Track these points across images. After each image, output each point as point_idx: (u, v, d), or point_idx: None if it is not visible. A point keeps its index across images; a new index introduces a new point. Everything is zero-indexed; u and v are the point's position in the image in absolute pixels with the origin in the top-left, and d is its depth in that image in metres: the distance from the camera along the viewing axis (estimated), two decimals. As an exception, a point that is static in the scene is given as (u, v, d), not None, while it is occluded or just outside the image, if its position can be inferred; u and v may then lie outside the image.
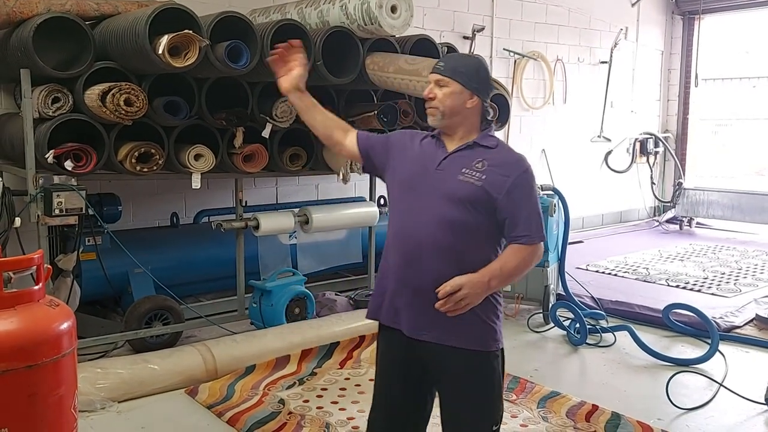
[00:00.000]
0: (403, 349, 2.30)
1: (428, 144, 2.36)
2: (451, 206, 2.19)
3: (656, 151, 9.71)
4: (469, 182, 2.20)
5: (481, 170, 2.21)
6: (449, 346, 2.22)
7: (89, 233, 4.28)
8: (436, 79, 2.30)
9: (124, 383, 3.69)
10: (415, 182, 2.27)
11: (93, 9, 4.05)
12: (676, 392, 3.82)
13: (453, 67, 2.30)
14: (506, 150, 2.33)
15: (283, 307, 4.64)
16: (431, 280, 2.16)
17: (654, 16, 9.61)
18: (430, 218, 2.20)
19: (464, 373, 2.25)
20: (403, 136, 2.44)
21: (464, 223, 2.19)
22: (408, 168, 2.32)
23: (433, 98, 2.29)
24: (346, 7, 4.36)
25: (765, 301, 5.51)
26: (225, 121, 4.25)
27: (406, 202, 2.28)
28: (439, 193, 2.22)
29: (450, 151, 2.29)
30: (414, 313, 2.24)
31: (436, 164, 2.27)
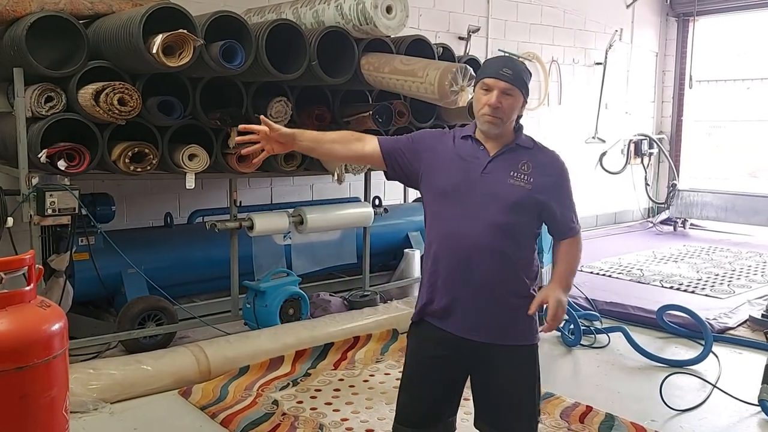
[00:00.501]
0: (449, 349, 2.33)
1: (465, 146, 2.33)
2: (504, 210, 2.24)
3: (650, 152, 9.75)
4: (519, 185, 2.25)
5: (527, 173, 2.27)
6: (500, 344, 2.30)
7: (82, 233, 4.26)
8: (504, 87, 2.24)
9: (116, 384, 3.67)
10: (461, 188, 2.27)
11: (87, 8, 4.03)
12: (669, 393, 3.83)
13: (517, 75, 2.26)
14: (543, 149, 2.38)
15: (277, 307, 4.62)
16: (485, 282, 2.25)
17: (648, 18, 9.63)
18: (482, 223, 2.23)
19: (513, 368, 2.33)
20: (432, 140, 2.40)
21: (515, 225, 2.26)
22: (449, 173, 2.30)
23: (500, 107, 2.24)
24: (341, 7, 4.36)
25: (758, 302, 5.52)
26: (219, 121, 4.24)
27: (453, 207, 2.28)
28: (490, 198, 2.24)
29: (493, 154, 2.29)
30: (468, 315, 2.29)
31: (481, 168, 2.27)
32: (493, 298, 2.28)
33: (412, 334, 2.47)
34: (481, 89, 2.29)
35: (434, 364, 2.38)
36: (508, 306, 2.31)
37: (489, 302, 2.28)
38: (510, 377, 2.34)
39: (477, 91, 2.31)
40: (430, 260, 2.37)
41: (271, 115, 4.38)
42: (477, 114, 2.30)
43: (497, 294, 2.28)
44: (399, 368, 4.17)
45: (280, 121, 4.43)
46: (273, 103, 4.37)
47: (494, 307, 2.29)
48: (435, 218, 2.35)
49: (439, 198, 2.32)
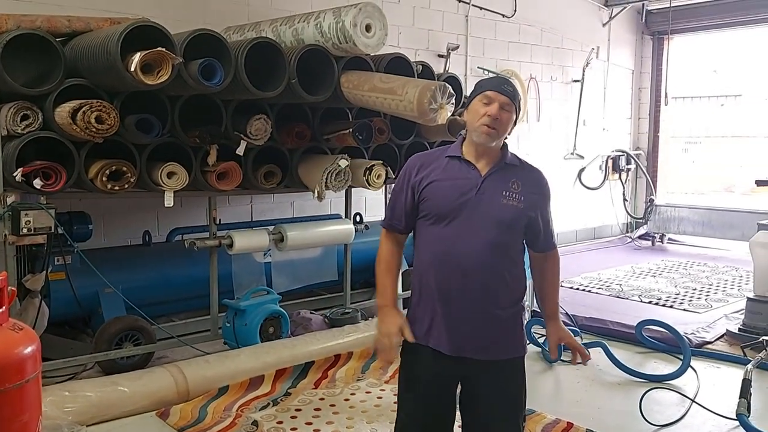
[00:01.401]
0: (443, 367, 2.36)
1: (455, 166, 2.36)
2: (499, 230, 2.30)
3: (628, 168, 9.87)
4: (512, 204, 2.31)
5: (518, 191, 2.33)
6: (493, 360, 2.35)
7: (58, 252, 4.19)
8: (504, 101, 2.30)
9: (92, 406, 3.60)
10: (456, 208, 2.30)
11: (64, 25, 4.01)
12: (649, 408, 3.84)
13: (515, 94, 2.35)
14: (528, 166, 2.45)
15: (258, 326, 4.59)
16: (479, 299, 2.29)
17: (624, 36, 9.80)
18: (477, 242, 2.27)
19: (504, 381, 2.38)
20: (419, 166, 2.41)
21: (509, 243, 2.33)
22: (444, 195, 2.33)
23: (499, 119, 2.29)
24: (320, 26, 4.38)
25: (735, 316, 5.58)
26: (198, 139, 4.22)
27: (448, 228, 2.31)
28: (485, 218, 2.29)
29: (484, 173, 2.34)
30: (461, 333, 2.31)
31: (475, 188, 2.31)
32: (487, 315, 2.32)
33: (405, 354, 2.47)
34: (481, 101, 2.32)
35: (429, 383, 2.39)
36: (500, 321, 2.36)
37: (483, 319, 2.32)
38: (503, 390, 2.38)
39: (476, 104, 2.33)
40: (421, 280, 2.39)
41: (251, 133, 4.37)
42: (474, 125, 2.32)
43: (491, 311, 2.32)
44: (380, 386, 4.17)
45: (259, 139, 4.42)
46: (253, 120, 4.36)
47: (488, 324, 2.33)
48: (429, 238, 2.36)
49: (435, 219, 2.34)
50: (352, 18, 4.23)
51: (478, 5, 7.57)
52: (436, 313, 2.34)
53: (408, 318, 2.44)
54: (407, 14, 6.97)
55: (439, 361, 2.35)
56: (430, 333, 2.36)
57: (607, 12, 9.35)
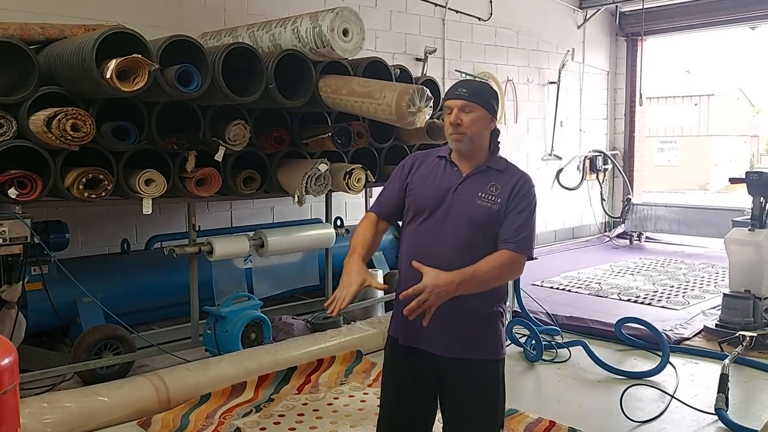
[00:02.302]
0: (419, 365, 2.38)
1: (440, 166, 2.42)
2: (470, 229, 2.30)
3: (605, 168, 9.99)
4: (485, 205, 2.32)
5: (495, 194, 2.33)
6: (467, 359, 2.34)
7: (35, 262, 4.14)
8: (460, 105, 2.33)
9: (72, 417, 3.56)
10: (433, 206, 2.35)
11: (38, 33, 3.96)
12: (630, 405, 3.89)
13: (475, 92, 2.35)
14: (514, 171, 2.42)
15: (239, 332, 4.56)
16: (456, 299, 2.22)
17: (599, 38, 9.92)
18: (449, 240, 2.30)
19: (479, 383, 2.36)
20: (414, 162, 2.48)
21: (478, 244, 2.30)
22: (425, 192, 2.38)
23: (461, 124, 2.32)
24: (297, 31, 4.38)
25: (712, 312, 5.67)
26: (176, 145, 4.19)
27: (424, 225, 2.36)
28: (457, 217, 2.32)
29: (465, 174, 2.37)
30: (435, 331, 2.30)
31: (453, 188, 2.35)
32: (460, 313, 2.30)
33: (386, 349, 2.54)
34: (446, 114, 2.39)
35: (407, 379, 2.42)
36: (474, 321, 2.35)
37: (456, 317, 2.31)
38: (478, 392, 2.37)
39: (444, 119, 2.41)
40: (400, 275, 2.44)
41: (229, 139, 4.35)
42: (447, 137, 2.40)
43: (464, 309, 2.30)
44: (363, 390, 4.17)
45: (238, 144, 4.41)
46: (231, 126, 4.35)
47: (461, 323, 2.33)
48: (407, 234, 2.43)
49: (413, 214, 2.40)
50: (329, 22, 4.23)
51: (454, 9, 7.62)
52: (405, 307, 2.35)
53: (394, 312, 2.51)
54: (384, 18, 7.00)
55: (413, 358, 2.38)
56: (404, 328, 2.38)
57: (581, 14, 9.46)
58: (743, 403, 4.04)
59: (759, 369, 4.54)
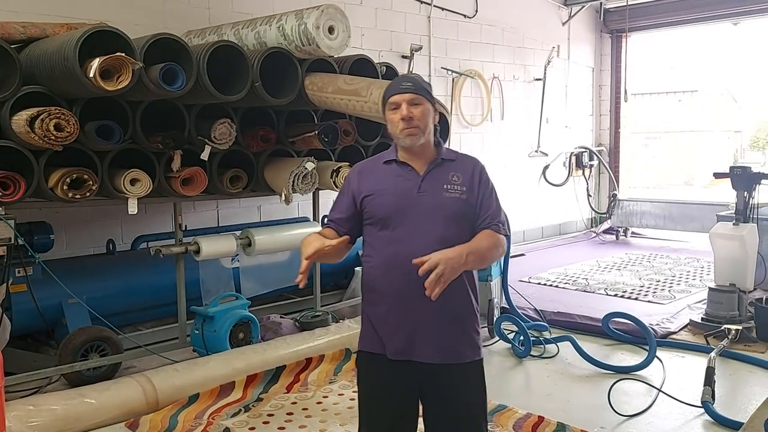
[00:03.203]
0: (400, 376, 2.30)
1: (393, 171, 2.34)
2: (446, 224, 2.26)
3: (591, 164, 10.05)
4: (455, 197, 2.29)
5: (459, 183, 2.31)
6: (454, 363, 2.29)
7: (19, 264, 4.09)
8: (409, 98, 2.28)
9: (58, 420, 3.52)
10: (400, 212, 2.27)
11: (19, 32, 3.91)
12: (617, 400, 3.92)
13: (418, 85, 2.31)
14: (464, 157, 2.43)
15: (227, 332, 4.54)
16: (435, 300, 2.14)
17: (584, 35, 9.97)
18: (426, 240, 2.22)
19: (464, 387, 2.32)
20: (359, 175, 2.41)
21: (456, 238, 2.24)
22: (387, 200, 2.29)
23: (413, 117, 2.27)
24: (283, 28, 4.36)
25: (698, 306, 5.72)
26: (161, 144, 4.16)
27: (394, 231, 2.27)
28: (430, 215, 2.26)
29: (422, 172, 2.32)
30: (417, 337, 2.26)
31: (416, 189, 2.29)
32: (443, 316, 2.26)
33: (361, 364, 2.43)
34: (390, 111, 2.33)
35: (387, 393, 2.34)
36: (456, 323, 2.30)
37: (438, 321, 2.26)
38: (461, 397, 2.32)
39: (389, 116, 2.33)
40: (372, 287, 2.34)
41: (215, 138, 4.33)
42: (396, 135, 2.32)
43: (446, 311, 2.26)
44: (353, 388, 4.16)
45: (224, 143, 4.38)
46: (217, 125, 4.32)
47: (444, 326, 2.28)
48: (378, 243, 2.32)
49: (381, 224, 2.30)
50: (314, 20, 4.22)
51: (439, 6, 7.62)
52: (389, 319, 2.29)
53: (360, 334, 2.40)
54: (370, 16, 6.98)
55: (400, 370, 2.30)
56: (383, 340, 2.31)
57: (566, 11, 9.50)
58: (729, 395, 4.08)
59: (744, 362, 4.58)
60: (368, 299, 2.38)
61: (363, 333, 2.41)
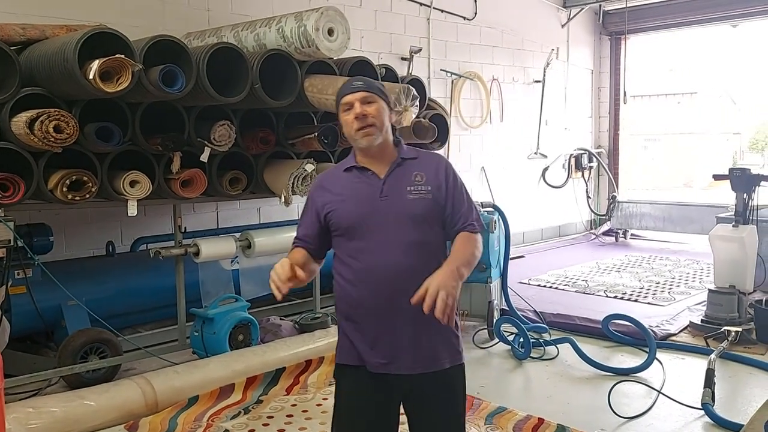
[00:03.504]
0: (381, 389, 2.22)
1: (353, 178, 2.25)
2: (414, 226, 2.18)
3: (590, 166, 10.05)
4: (420, 197, 2.19)
5: (423, 182, 2.21)
6: (437, 371, 2.21)
7: (19, 266, 4.09)
8: (361, 97, 2.20)
9: (58, 422, 3.51)
10: (365, 220, 2.18)
11: (18, 34, 3.91)
12: (617, 402, 3.91)
13: (369, 83, 2.25)
14: (426, 154, 2.34)
15: (226, 334, 4.54)
16: (410, 308, 2.09)
17: (583, 37, 9.98)
18: (397, 245, 2.15)
19: (443, 392, 2.25)
20: (320, 188, 2.31)
21: (427, 240, 2.19)
22: (350, 208, 2.20)
23: (367, 115, 2.19)
24: (282, 30, 4.36)
25: (698, 308, 5.72)
26: (161, 146, 4.16)
27: (362, 240, 2.18)
28: (395, 219, 2.17)
29: (383, 176, 2.23)
30: (398, 348, 2.18)
31: (378, 194, 2.20)
32: (422, 322, 2.15)
33: (340, 378, 2.32)
34: (343, 112, 2.24)
35: (368, 406, 2.25)
36: (435, 328, 2.17)
37: (418, 328, 2.17)
38: (445, 403, 2.26)
39: (342, 118, 2.24)
40: (346, 300, 2.25)
41: (215, 139, 4.33)
42: (351, 136, 2.23)
43: (424, 319, 2.11)
44: (352, 390, 4.15)
45: (223, 145, 4.38)
46: (216, 127, 4.32)
47: (423, 333, 2.19)
48: (345, 256, 2.22)
49: (347, 234, 2.21)
50: (314, 22, 4.22)
51: (439, 8, 7.63)
52: (368, 333, 2.20)
53: (338, 346, 2.32)
54: (369, 18, 6.99)
55: (374, 382, 2.21)
56: (363, 354, 2.21)
57: (565, 13, 9.51)
58: (729, 397, 4.08)
59: (744, 364, 4.58)
60: (343, 312, 2.29)
61: (340, 346, 2.31)
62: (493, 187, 8.34)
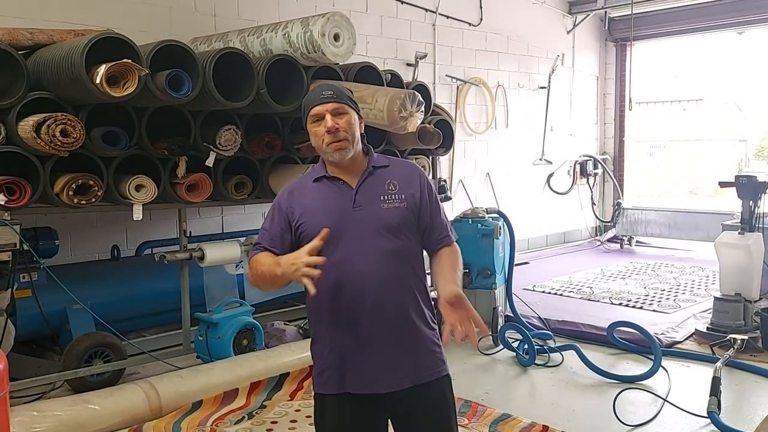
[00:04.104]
0: (367, 413, 2.14)
1: (324, 189, 2.17)
2: (388, 237, 2.11)
3: (595, 172, 10.04)
4: (394, 207, 2.14)
5: (396, 191, 2.16)
6: (420, 384, 2.14)
7: (24, 269, 4.10)
8: (332, 108, 2.11)
9: (62, 426, 3.51)
10: (337, 231, 2.06)
11: (26, 38, 3.93)
12: (622, 409, 3.89)
13: (339, 93, 2.15)
14: (399, 163, 2.30)
15: (231, 339, 4.53)
16: (391, 317, 2.08)
17: (588, 43, 9.98)
18: (372, 256, 2.08)
19: (432, 404, 2.18)
20: (289, 198, 2.20)
21: (403, 248, 2.14)
22: (321, 220, 2.09)
23: (339, 129, 2.10)
24: (288, 36, 4.38)
25: (703, 316, 5.69)
26: (167, 151, 4.17)
27: (335, 253, 2.06)
28: (369, 230, 2.10)
29: (355, 186, 2.15)
30: (382, 364, 2.11)
31: (351, 204, 2.12)
32: (403, 333, 2.12)
33: (321, 411, 2.19)
34: (312, 123, 2.15)
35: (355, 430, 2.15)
36: (417, 339, 2.15)
37: (400, 340, 2.12)
38: (433, 415, 2.18)
39: (311, 128, 2.15)
40: (322, 317, 2.14)
41: (220, 144, 4.34)
42: (321, 149, 2.15)
43: (406, 328, 2.13)
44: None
45: (229, 149, 4.39)
46: (222, 131, 4.33)
47: (406, 345, 2.13)
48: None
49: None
50: (320, 27, 4.23)
51: (444, 14, 7.64)
52: (348, 351, 2.11)
53: (315, 373, 2.20)
54: (375, 23, 7.01)
55: (359, 405, 2.12)
56: (346, 377, 2.12)
57: (571, 19, 9.52)
58: (735, 406, 4.06)
59: (750, 372, 4.55)
60: (318, 334, 2.19)
61: (318, 373, 2.18)
62: (498, 193, 8.34)
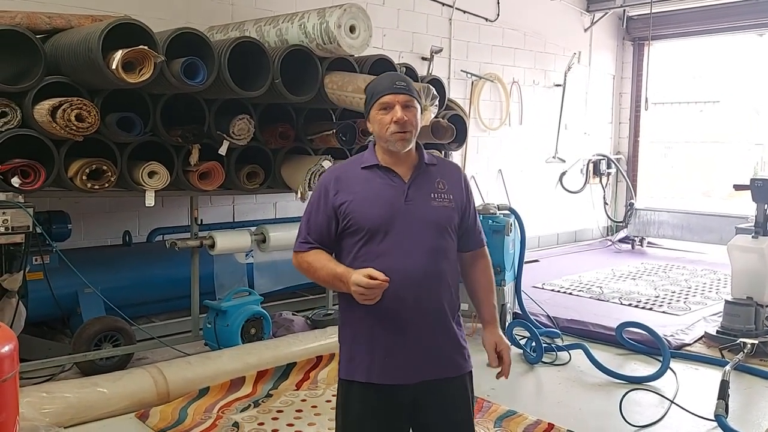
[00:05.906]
0: (399, 402, 2.17)
1: (375, 177, 2.18)
2: (435, 234, 2.16)
3: (609, 172, 9.97)
4: (443, 206, 2.19)
5: (445, 191, 2.21)
6: (446, 377, 2.20)
7: (37, 252, 4.13)
8: (404, 100, 2.14)
9: (71, 408, 3.55)
10: (387, 222, 2.11)
11: (44, 22, 3.96)
12: (629, 410, 3.87)
13: (411, 86, 2.19)
14: (446, 163, 2.38)
15: (239, 327, 4.56)
16: (431, 311, 2.13)
17: (606, 42, 9.90)
18: (417, 252, 2.12)
19: (456, 399, 2.24)
20: (336, 184, 2.19)
21: (446, 247, 2.20)
22: (372, 209, 2.12)
23: (407, 120, 2.13)
24: (305, 26, 4.37)
25: (713, 319, 5.65)
26: (181, 138, 4.19)
27: (383, 243, 2.11)
28: (420, 225, 2.14)
29: (408, 180, 2.19)
30: (421, 353, 2.15)
31: (402, 198, 2.15)
32: (438, 329, 2.17)
33: (346, 396, 2.21)
34: (378, 110, 2.15)
35: (377, 422, 2.18)
36: (451, 333, 2.21)
37: (434, 335, 2.17)
38: (456, 409, 2.24)
39: (376, 115, 2.16)
40: (356, 307, 2.11)
41: (234, 133, 4.35)
42: (384, 136, 2.15)
43: (440, 324, 2.18)
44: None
45: (242, 139, 4.40)
46: (236, 120, 4.34)
47: (439, 340, 2.19)
48: (364, 258, 2.11)
49: (366, 236, 2.13)
50: (336, 19, 4.22)
51: (461, 9, 7.60)
52: (382, 341, 2.14)
53: (344, 359, 2.23)
54: (391, 16, 6.98)
55: (385, 395, 2.15)
56: (375, 366, 2.15)
57: (588, 17, 9.44)
58: (743, 410, 4.03)
59: (760, 377, 4.52)
60: (351, 320, 2.20)
61: (346, 359, 2.21)
62: (510, 190, 8.30)
